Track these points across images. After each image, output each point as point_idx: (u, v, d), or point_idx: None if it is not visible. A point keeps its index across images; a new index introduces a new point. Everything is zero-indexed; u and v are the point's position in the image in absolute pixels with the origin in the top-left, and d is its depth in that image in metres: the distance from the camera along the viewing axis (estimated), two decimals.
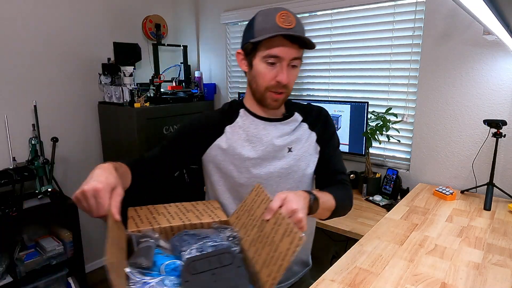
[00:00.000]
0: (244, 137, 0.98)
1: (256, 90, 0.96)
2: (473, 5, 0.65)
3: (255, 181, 0.96)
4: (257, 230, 0.77)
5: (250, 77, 0.97)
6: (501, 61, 1.59)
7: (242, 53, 0.97)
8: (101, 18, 2.49)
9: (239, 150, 0.97)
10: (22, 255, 2.00)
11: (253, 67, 0.93)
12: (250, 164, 0.97)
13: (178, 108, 2.52)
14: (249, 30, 0.93)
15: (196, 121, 1.02)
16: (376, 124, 1.91)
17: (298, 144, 1.02)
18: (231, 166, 0.98)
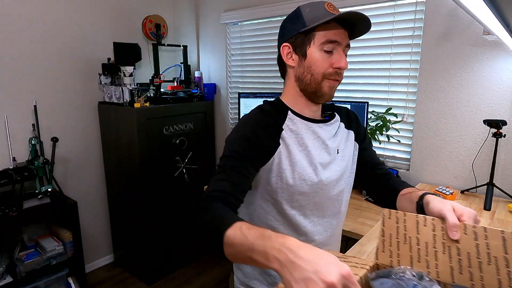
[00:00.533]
0: (298, 142, 0.90)
1: (311, 81, 0.88)
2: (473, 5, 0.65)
3: (317, 187, 0.91)
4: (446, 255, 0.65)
5: (302, 70, 0.89)
6: (501, 61, 1.59)
7: (290, 46, 0.89)
8: (101, 18, 2.49)
9: (297, 157, 0.89)
10: (22, 255, 2.00)
11: (308, 57, 0.87)
12: (310, 170, 0.90)
13: (178, 108, 2.52)
14: (296, 22, 0.88)
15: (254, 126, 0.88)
16: (376, 124, 1.91)
17: (343, 144, 0.99)
18: (289, 174, 0.89)
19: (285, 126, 0.90)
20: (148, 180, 2.37)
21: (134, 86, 2.34)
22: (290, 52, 0.90)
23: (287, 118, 0.91)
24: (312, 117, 0.94)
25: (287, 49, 0.90)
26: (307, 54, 0.87)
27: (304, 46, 0.87)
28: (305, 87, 0.90)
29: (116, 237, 2.74)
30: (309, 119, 0.93)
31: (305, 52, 0.87)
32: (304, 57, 0.88)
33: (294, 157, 0.88)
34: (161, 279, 2.57)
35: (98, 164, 2.62)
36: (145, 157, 2.33)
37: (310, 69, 0.88)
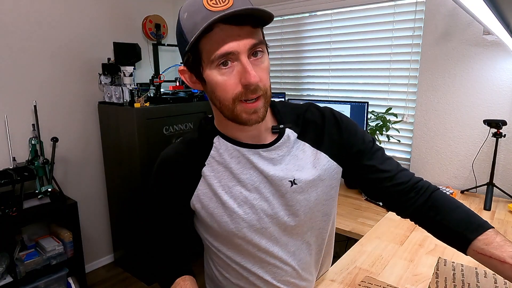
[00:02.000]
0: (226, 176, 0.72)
1: (222, 108, 0.68)
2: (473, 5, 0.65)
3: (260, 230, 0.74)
4: None
5: (209, 95, 0.70)
6: (501, 61, 1.59)
7: (186, 70, 0.69)
8: (101, 18, 2.49)
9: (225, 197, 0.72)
10: (22, 255, 2.00)
11: (207, 81, 0.67)
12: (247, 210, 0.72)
13: (178, 108, 2.52)
14: (179, 36, 0.66)
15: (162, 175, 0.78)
16: (376, 124, 1.91)
17: (301, 172, 0.75)
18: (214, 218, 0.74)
19: (210, 159, 0.73)
20: (148, 180, 2.37)
21: (134, 86, 2.34)
22: (189, 77, 0.70)
23: (213, 146, 0.74)
24: (252, 141, 0.73)
25: (185, 73, 0.70)
26: (204, 78, 0.67)
27: (197, 68, 0.67)
28: (222, 113, 0.70)
29: (116, 237, 2.74)
30: (241, 144, 0.73)
31: (201, 77, 0.67)
32: (203, 82, 0.68)
33: (222, 196, 0.72)
34: None
35: (98, 164, 2.62)
36: (145, 157, 2.33)
37: (215, 95, 0.67)
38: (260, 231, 0.74)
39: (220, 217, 0.72)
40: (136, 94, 2.32)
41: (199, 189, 0.73)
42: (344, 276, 0.97)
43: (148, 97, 2.40)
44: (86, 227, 2.57)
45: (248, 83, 0.63)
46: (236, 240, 0.74)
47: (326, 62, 2.20)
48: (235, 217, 0.72)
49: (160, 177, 0.77)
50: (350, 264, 1.04)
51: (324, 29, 2.17)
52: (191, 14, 0.62)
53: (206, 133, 0.76)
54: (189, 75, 0.70)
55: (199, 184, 0.73)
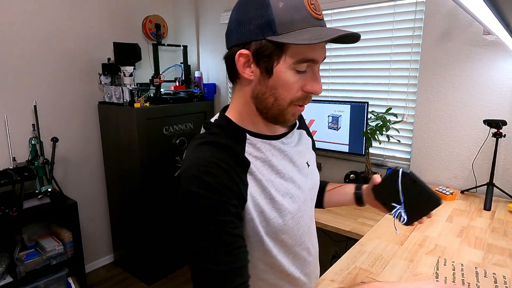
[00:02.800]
0: (268, 169, 0.71)
1: (273, 106, 0.67)
2: (473, 5, 0.65)
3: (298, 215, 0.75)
4: None
5: (263, 89, 0.67)
6: (501, 61, 1.59)
7: (249, 55, 0.64)
8: (101, 18, 2.49)
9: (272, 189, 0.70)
10: (22, 255, 2.00)
11: (274, 76, 0.64)
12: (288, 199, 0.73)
13: (178, 108, 2.52)
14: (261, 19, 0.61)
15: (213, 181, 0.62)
16: (376, 124, 1.90)
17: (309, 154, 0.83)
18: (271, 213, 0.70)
19: (248, 155, 0.69)
20: (148, 180, 2.37)
21: (134, 86, 2.34)
22: (248, 61, 0.66)
23: (247, 143, 0.70)
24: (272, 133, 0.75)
25: (244, 58, 0.65)
26: (274, 72, 0.64)
27: (271, 60, 0.64)
28: (264, 110, 0.69)
29: (116, 237, 2.74)
30: (269, 137, 0.74)
31: (271, 69, 0.64)
32: (268, 75, 0.65)
33: (270, 191, 0.69)
34: (161, 279, 2.57)
35: (98, 164, 2.62)
36: (145, 157, 2.33)
37: (274, 92, 0.66)
38: (298, 220, 0.75)
39: (270, 213, 0.69)
40: (136, 94, 2.32)
41: (250, 188, 0.67)
42: (344, 276, 0.97)
43: (148, 97, 2.41)
44: (86, 227, 2.57)
45: (315, 92, 0.65)
46: (280, 236, 0.72)
47: (326, 62, 2.20)
48: (282, 210, 0.71)
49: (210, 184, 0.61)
50: (350, 264, 1.04)
51: None
52: (289, 7, 0.61)
53: (234, 130, 0.71)
54: (246, 61, 0.66)
55: (249, 184, 0.67)
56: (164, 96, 2.53)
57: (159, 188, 2.46)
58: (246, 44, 0.64)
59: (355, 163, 2.11)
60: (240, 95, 0.73)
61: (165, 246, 2.57)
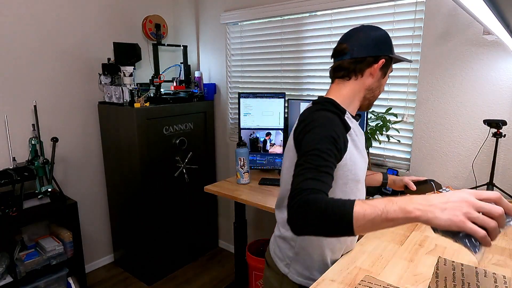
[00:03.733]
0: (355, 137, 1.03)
1: (375, 96, 1.07)
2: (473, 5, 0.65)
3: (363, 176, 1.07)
4: None
5: (377, 84, 1.05)
6: (501, 61, 1.59)
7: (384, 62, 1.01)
8: (101, 18, 2.49)
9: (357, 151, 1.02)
10: (22, 255, 2.00)
11: (384, 77, 1.05)
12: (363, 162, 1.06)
13: (178, 108, 2.52)
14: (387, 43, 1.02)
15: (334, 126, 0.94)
16: (376, 124, 1.90)
17: None
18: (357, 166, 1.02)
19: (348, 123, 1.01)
20: (148, 180, 2.37)
21: (134, 86, 2.34)
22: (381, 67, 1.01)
23: (346, 117, 1.01)
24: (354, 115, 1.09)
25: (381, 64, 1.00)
26: (386, 74, 1.05)
27: (387, 67, 1.04)
28: (370, 98, 1.06)
29: (116, 237, 2.74)
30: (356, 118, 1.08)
31: (386, 73, 1.05)
32: (383, 76, 1.05)
33: (357, 151, 1.02)
34: (161, 279, 2.57)
35: (98, 164, 2.62)
36: (145, 157, 2.33)
37: (380, 87, 1.06)
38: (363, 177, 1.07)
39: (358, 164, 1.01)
40: (136, 94, 2.33)
41: (349, 145, 0.97)
42: (344, 276, 0.97)
43: (148, 97, 2.41)
44: (86, 227, 2.57)
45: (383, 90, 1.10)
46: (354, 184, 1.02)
47: (326, 62, 2.20)
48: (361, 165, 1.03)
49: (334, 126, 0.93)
50: (350, 264, 1.04)
51: (324, 29, 2.17)
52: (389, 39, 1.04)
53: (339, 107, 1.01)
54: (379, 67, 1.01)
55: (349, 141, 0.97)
56: (164, 96, 2.53)
57: (159, 188, 2.46)
58: (380, 56, 1.00)
59: None
60: (353, 87, 1.05)
61: (165, 246, 2.57)
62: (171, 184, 2.54)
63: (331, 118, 0.94)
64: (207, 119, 2.77)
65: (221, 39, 2.72)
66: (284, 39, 2.37)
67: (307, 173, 0.81)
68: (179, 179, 2.56)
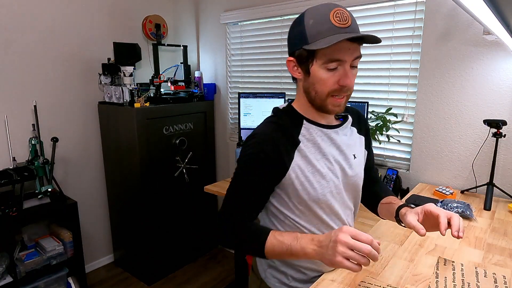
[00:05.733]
0: (316, 150, 0.91)
1: (316, 97, 0.88)
2: (473, 5, 0.65)
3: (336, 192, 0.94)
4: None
5: (307, 85, 0.88)
6: (501, 61, 1.59)
7: (294, 60, 0.88)
8: (101, 18, 2.49)
9: (318, 166, 0.90)
10: (22, 255, 2.00)
11: (311, 74, 0.86)
12: (331, 176, 0.92)
13: (178, 108, 2.52)
14: (299, 35, 0.83)
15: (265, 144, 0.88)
16: (376, 124, 1.90)
17: (358, 149, 1.00)
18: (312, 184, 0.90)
19: (302, 136, 0.91)
20: (148, 180, 2.37)
21: (134, 86, 2.34)
22: (295, 66, 0.89)
23: (303, 127, 0.92)
24: (327, 123, 0.94)
25: (292, 63, 0.89)
26: (310, 71, 0.85)
27: (306, 63, 0.85)
28: (311, 101, 0.91)
29: (116, 237, 2.74)
30: (324, 126, 0.93)
31: (308, 70, 0.86)
32: (307, 74, 0.87)
33: (315, 166, 0.90)
34: (161, 279, 2.57)
35: (98, 164, 2.62)
36: (145, 157, 2.33)
37: (314, 86, 0.87)
38: (337, 195, 0.94)
39: (313, 183, 0.89)
40: (136, 94, 2.33)
41: (296, 160, 0.88)
42: (344, 276, 0.97)
43: (148, 97, 2.41)
44: (86, 227, 2.57)
45: (346, 85, 0.84)
46: (318, 205, 0.92)
47: None
48: (323, 183, 0.90)
49: (262, 148, 0.87)
50: None
51: None
52: (317, 23, 0.80)
53: (294, 117, 0.93)
54: (294, 65, 0.89)
55: (295, 157, 0.89)
56: (164, 96, 2.53)
57: (159, 188, 2.46)
58: (293, 53, 0.88)
59: None
60: (298, 91, 0.94)
61: (165, 246, 2.57)
62: (171, 184, 2.54)
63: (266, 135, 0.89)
64: (207, 119, 2.77)
65: (221, 39, 2.72)
66: (284, 39, 2.36)
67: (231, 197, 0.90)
68: (179, 179, 2.56)
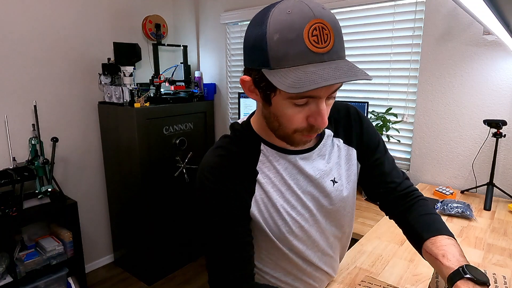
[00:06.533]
0: (279, 181, 0.72)
1: (279, 130, 0.68)
2: (473, 5, 0.65)
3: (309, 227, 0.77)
4: None
5: (268, 113, 0.67)
6: (501, 61, 1.59)
7: (250, 82, 0.65)
8: (101, 18, 2.49)
9: (280, 201, 0.72)
10: (22, 255, 2.00)
11: (273, 106, 0.64)
12: (300, 211, 0.74)
13: (178, 108, 2.52)
14: (258, 50, 0.59)
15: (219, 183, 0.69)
16: (376, 124, 1.91)
17: (339, 170, 0.79)
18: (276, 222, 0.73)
19: (260, 164, 0.72)
20: (148, 180, 2.37)
21: (134, 86, 2.34)
22: (251, 86, 0.66)
23: (261, 154, 0.72)
24: (294, 148, 0.73)
25: (247, 83, 0.66)
26: (273, 102, 0.64)
27: (267, 91, 0.62)
28: (273, 130, 0.70)
29: (116, 237, 2.74)
30: (286, 151, 0.73)
31: (269, 99, 0.64)
32: (268, 103, 0.65)
33: (276, 202, 0.72)
34: (161, 279, 2.57)
35: (98, 164, 2.62)
36: (145, 157, 2.33)
37: (277, 119, 0.66)
38: (310, 230, 0.77)
39: (275, 222, 0.72)
40: (136, 94, 2.32)
41: (257, 195, 0.71)
42: (344, 276, 0.97)
43: (148, 97, 2.41)
44: (86, 227, 2.57)
45: (319, 127, 0.63)
46: (283, 246, 0.76)
47: None
48: (288, 220, 0.73)
49: (217, 185, 0.68)
50: (350, 264, 1.04)
51: None
52: (285, 41, 0.55)
53: (250, 140, 0.73)
54: (250, 87, 0.66)
55: (256, 191, 0.71)
56: (164, 96, 2.53)
57: (159, 188, 2.46)
58: (249, 70, 0.64)
59: None
60: (257, 109, 0.74)
61: (165, 246, 2.57)
62: (171, 184, 2.54)
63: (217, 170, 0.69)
64: (207, 119, 2.77)
65: (221, 39, 2.72)
66: None
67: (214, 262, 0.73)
68: (179, 179, 2.56)
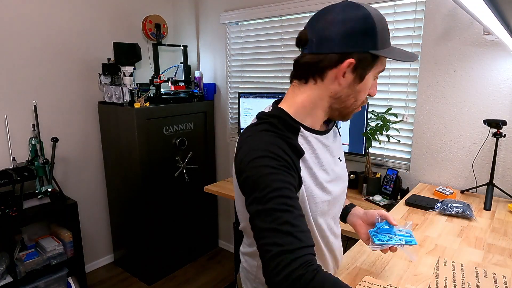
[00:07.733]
0: (316, 160, 0.80)
1: (351, 106, 0.80)
2: (473, 5, 0.65)
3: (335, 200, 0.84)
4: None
5: (349, 92, 0.77)
6: (501, 61, 1.59)
7: (353, 63, 0.73)
8: (101, 18, 2.49)
9: (320, 176, 0.80)
10: (22, 255, 2.00)
11: (363, 81, 0.77)
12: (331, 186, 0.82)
13: (178, 108, 2.52)
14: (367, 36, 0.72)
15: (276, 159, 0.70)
16: (376, 124, 1.90)
17: (341, 151, 0.93)
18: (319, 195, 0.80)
19: (302, 146, 0.77)
20: (148, 180, 2.37)
21: (134, 86, 2.34)
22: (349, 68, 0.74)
23: (299, 135, 0.78)
24: (320, 129, 0.84)
25: (349, 65, 0.73)
26: (365, 78, 0.77)
27: (366, 69, 0.76)
28: (340, 108, 0.80)
29: (116, 237, 2.74)
30: (318, 132, 0.82)
31: (364, 76, 0.76)
32: (360, 80, 0.76)
33: (318, 177, 0.79)
34: (161, 279, 2.57)
35: (98, 164, 2.62)
36: (145, 157, 2.33)
37: (357, 94, 0.78)
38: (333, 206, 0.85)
39: (318, 197, 0.79)
40: (136, 94, 2.33)
41: (303, 172, 0.76)
42: (344, 276, 0.97)
43: (148, 97, 2.41)
44: (86, 227, 2.57)
45: (374, 94, 0.85)
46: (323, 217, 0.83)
47: None
48: (327, 194, 0.81)
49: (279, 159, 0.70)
50: (350, 264, 1.04)
51: None
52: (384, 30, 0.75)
53: (289, 123, 0.78)
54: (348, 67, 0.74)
55: (302, 169, 0.76)
56: (164, 96, 2.53)
57: (159, 188, 2.46)
58: (349, 54, 0.73)
59: (355, 163, 2.11)
60: (310, 93, 0.79)
61: (165, 246, 2.57)
62: (171, 184, 2.54)
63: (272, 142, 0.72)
64: (207, 119, 2.77)
65: (221, 39, 2.72)
66: (284, 39, 2.37)
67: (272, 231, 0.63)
68: (179, 179, 2.56)
